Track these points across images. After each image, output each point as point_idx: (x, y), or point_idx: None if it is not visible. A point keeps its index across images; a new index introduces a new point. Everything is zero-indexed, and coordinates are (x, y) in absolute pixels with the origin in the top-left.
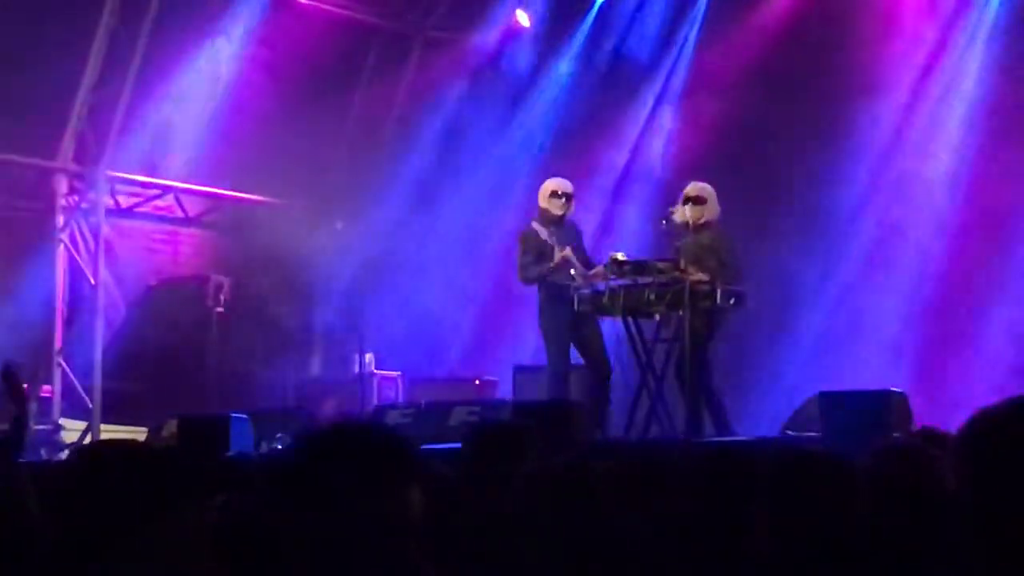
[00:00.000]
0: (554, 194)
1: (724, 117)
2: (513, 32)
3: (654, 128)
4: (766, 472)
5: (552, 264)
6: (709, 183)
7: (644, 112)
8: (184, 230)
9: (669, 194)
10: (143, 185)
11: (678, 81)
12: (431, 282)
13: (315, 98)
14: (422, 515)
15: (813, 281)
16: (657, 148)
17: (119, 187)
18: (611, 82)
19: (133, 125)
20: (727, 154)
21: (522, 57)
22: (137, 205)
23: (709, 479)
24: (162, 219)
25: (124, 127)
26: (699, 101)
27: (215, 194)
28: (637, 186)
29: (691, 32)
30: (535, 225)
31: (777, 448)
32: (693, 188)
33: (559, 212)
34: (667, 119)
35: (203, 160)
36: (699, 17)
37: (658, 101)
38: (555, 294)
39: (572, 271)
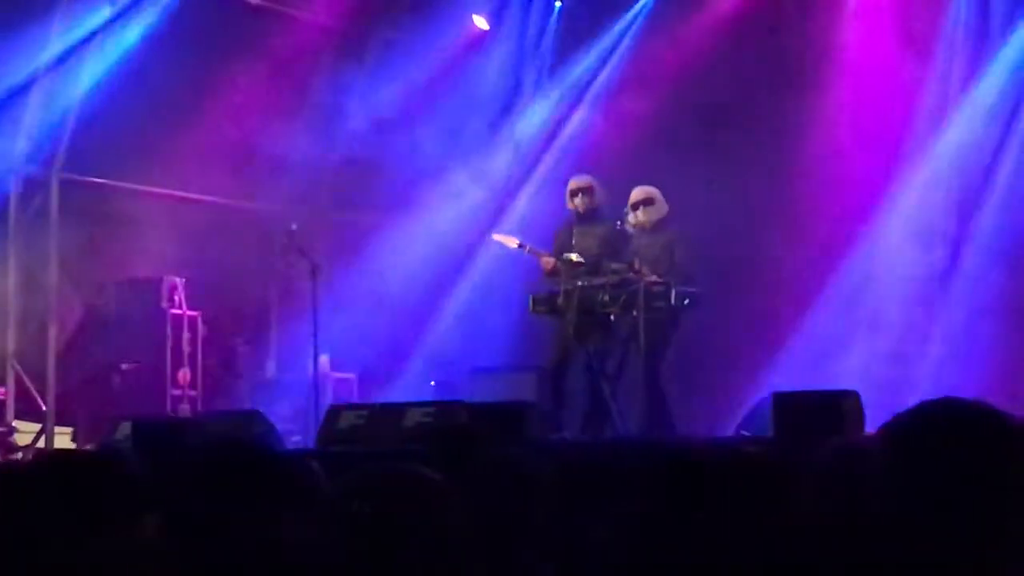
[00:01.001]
0: (570, 193)
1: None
2: (471, 36)
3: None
4: (707, 474)
5: (547, 269)
6: (646, 178)
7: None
8: (139, 230)
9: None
10: (96, 186)
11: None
12: (388, 282)
13: (273, 100)
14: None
15: (768, 278)
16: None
17: (73, 187)
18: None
19: (87, 125)
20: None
21: (478, 61)
22: (91, 206)
23: (662, 480)
24: (117, 219)
25: (77, 127)
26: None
27: (170, 195)
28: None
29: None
30: (566, 225)
31: (720, 450)
32: (638, 193)
33: (579, 210)
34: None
35: (159, 162)
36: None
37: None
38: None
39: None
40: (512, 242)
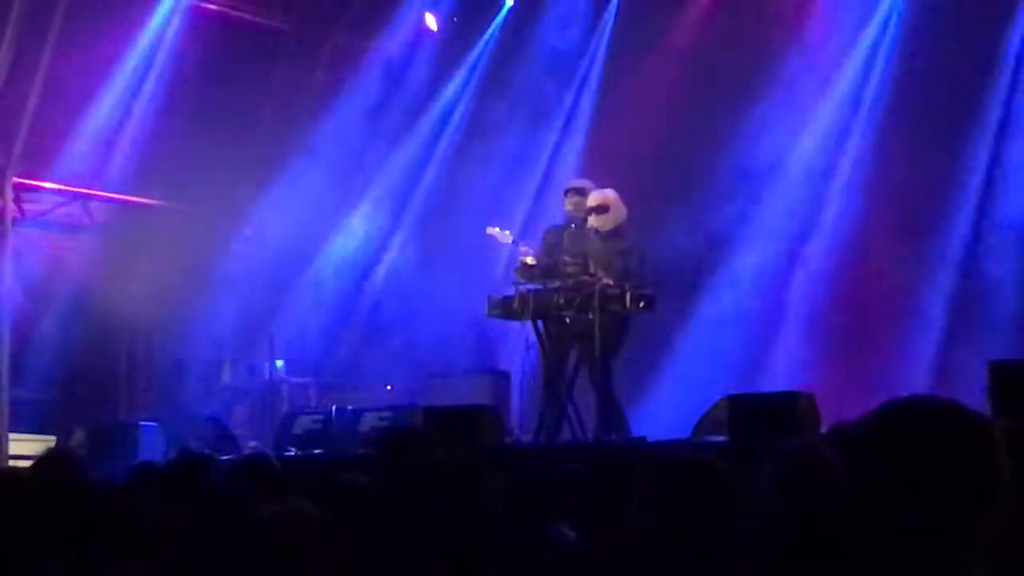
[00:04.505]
0: (564, 193)
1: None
2: (421, 36)
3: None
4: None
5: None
6: (620, 183)
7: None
8: (92, 238)
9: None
10: (51, 193)
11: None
12: (342, 288)
13: (224, 105)
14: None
15: (727, 280)
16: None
17: (25, 195)
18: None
19: (40, 133)
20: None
21: (427, 61)
22: (45, 212)
23: (615, 480)
24: (70, 227)
25: (31, 135)
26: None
27: (124, 200)
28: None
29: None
30: (560, 227)
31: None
32: (594, 198)
33: (568, 209)
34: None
35: (110, 167)
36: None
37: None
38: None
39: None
40: (506, 237)
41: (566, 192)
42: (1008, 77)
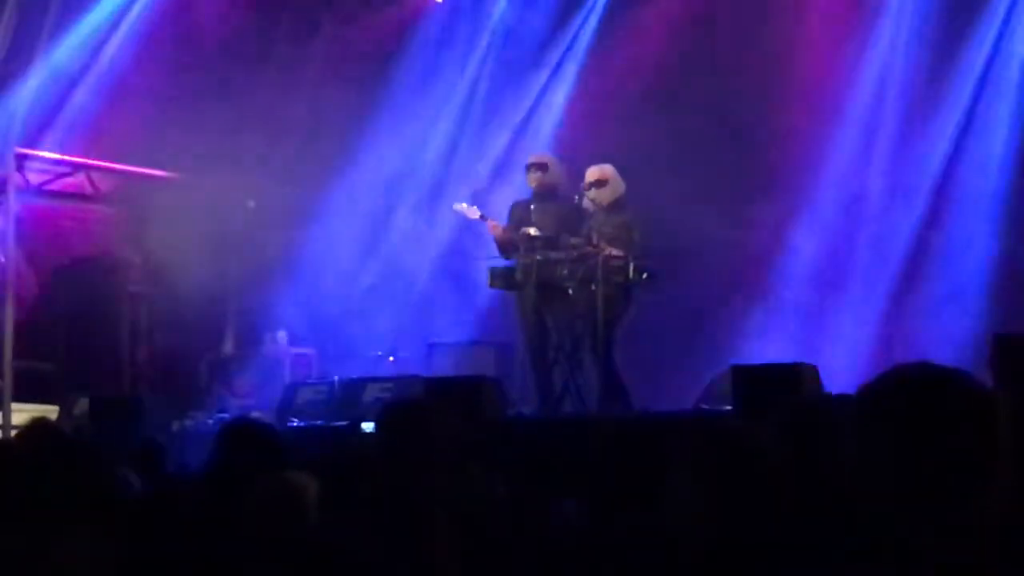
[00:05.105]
0: (525, 169)
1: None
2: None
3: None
4: (683, 445)
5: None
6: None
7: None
8: (95, 207)
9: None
10: (53, 163)
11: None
12: (346, 259)
13: (227, 74)
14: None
15: (724, 254)
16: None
17: (29, 164)
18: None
19: (42, 101)
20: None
21: (433, 32)
22: (47, 183)
23: (623, 453)
24: (73, 196)
25: (33, 103)
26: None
27: (126, 171)
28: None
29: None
30: (526, 200)
31: (692, 421)
32: (592, 173)
33: (532, 186)
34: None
35: (113, 137)
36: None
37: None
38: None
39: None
40: (474, 213)
41: (527, 168)
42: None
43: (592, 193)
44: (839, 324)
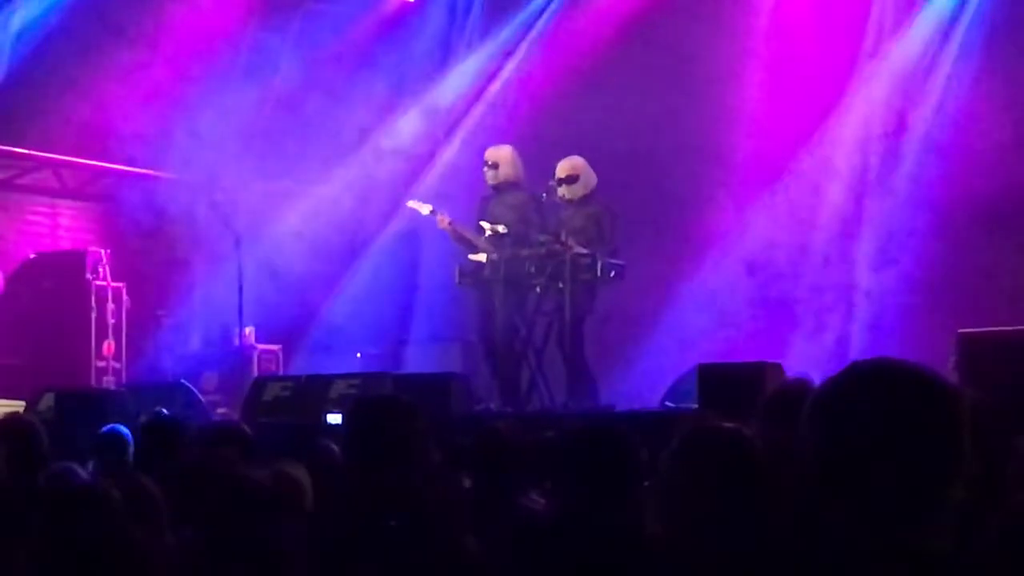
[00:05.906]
0: (483, 164)
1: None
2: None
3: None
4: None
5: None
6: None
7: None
8: (63, 203)
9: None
10: (20, 158)
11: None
12: (314, 254)
13: (193, 70)
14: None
15: (692, 249)
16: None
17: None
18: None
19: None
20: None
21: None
22: (15, 177)
23: (589, 451)
24: (40, 192)
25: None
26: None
27: (93, 167)
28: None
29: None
30: (486, 194)
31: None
32: (563, 167)
33: (489, 182)
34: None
35: (82, 132)
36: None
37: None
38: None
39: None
40: (425, 208)
41: (484, 163)
42: None
43: (563, 189)
44: (804, 322)
